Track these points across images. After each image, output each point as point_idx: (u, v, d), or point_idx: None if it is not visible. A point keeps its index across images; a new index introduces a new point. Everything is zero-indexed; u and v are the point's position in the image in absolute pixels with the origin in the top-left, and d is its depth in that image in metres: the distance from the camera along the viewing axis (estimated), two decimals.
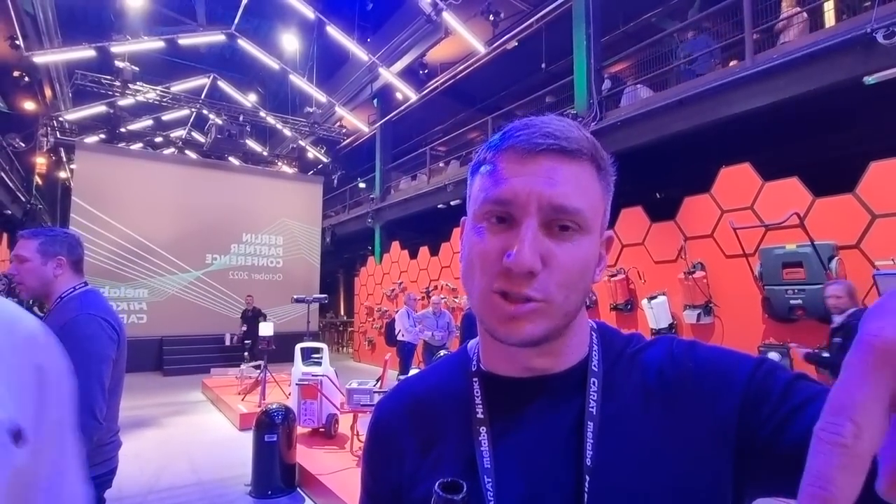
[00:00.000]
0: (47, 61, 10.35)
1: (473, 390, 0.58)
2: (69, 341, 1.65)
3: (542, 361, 0.54)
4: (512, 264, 0.47)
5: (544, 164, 0.49)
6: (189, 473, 4.58)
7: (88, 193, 10.94)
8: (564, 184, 0.49)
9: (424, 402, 0.61)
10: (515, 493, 0.51)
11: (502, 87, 13.83)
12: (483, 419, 0.55)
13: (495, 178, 0.51)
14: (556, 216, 0.48)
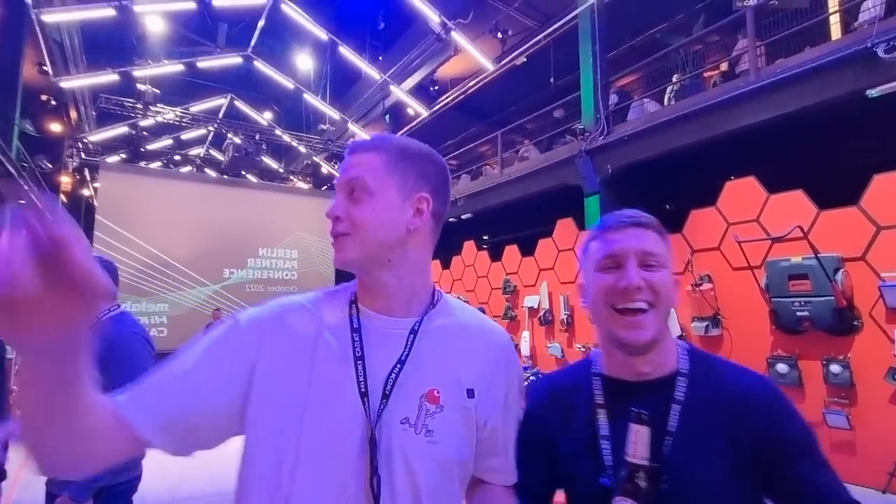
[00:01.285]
0: (73, 86, 10.80)
1: (593, 385, 0.88)
2: (115, 359, 1.81)
3: (645, 367, 0.83)
4: (624, 284, 0.80)
5: (630, 231, 0.85)
6: (209, 483, 4.72)
7: (111, 211, 11.31)
8: (646, 240, 0.84)
9: (561, 392, 0.92)
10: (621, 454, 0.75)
11: (511, 102, 14.02)
12: (602, 404, 0.85)
13: (606, 243, 0.85)
14: (645, 258, 0.83)
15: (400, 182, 0.79)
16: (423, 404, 0.74)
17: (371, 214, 0.76)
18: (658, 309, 0.80)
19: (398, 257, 0.79)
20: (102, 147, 13.26)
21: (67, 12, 8.07)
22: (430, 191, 0.82)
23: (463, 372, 0.79)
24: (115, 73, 10.11)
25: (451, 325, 0.83)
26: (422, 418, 0.74)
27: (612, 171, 7.70)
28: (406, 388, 0.75)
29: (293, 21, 10.27)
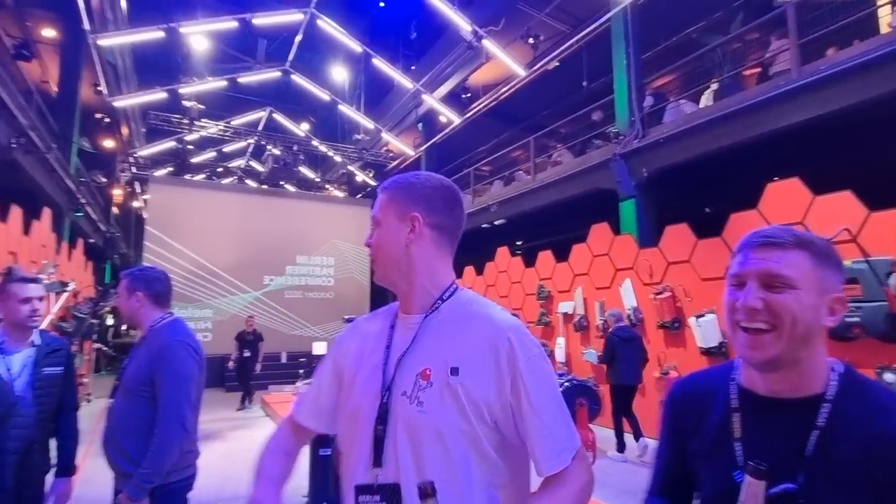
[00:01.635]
0: (125, 105, 11.42)
1: (731, 390, 0.91)
2: (163, 365, 1.95)
3: (778, 386, 0.84)
4: (740, 304, 0.83)
5: (758, 251, 0.84)
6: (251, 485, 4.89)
7: (159, 222, 11.89)
8: (772, 261, 0.82)
9: (698, 393, 0.97)
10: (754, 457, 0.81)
11: (544, 106, 13.96)
12: (736, 408, 0.88)
13: (735, 262, 0.88)
14: (770, 279, 0.81)
15: (396, 209, 1.01)
16: (418, 380, 0.92)
17: (379, 239, 1.02)
18: (780, 330, 0.79)
19: (405, 266, 1.00)
20: (151, 161, 13.97)
21: (121, 36, 8.56)
22: (420, 209, 1.00)
23: (451, 353, 0.92)
24: (163, 91, 10.66)
25: (453, 315, 0.98)
26: (416, 392, 0.92)
27: (647, 175, 7.57)
28: (407, 368, 0.94)
29: (328, 35, 10.59)
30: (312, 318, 13.25)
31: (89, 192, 12.74)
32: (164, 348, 1.96)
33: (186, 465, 2.04)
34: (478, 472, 0.89)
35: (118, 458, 1.93)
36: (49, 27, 11.51)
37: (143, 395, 1.94)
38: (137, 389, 1.95)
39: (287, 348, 11.29)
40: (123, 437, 1.94)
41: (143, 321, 2.08)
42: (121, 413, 1.98)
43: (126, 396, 1.99)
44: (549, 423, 0.90)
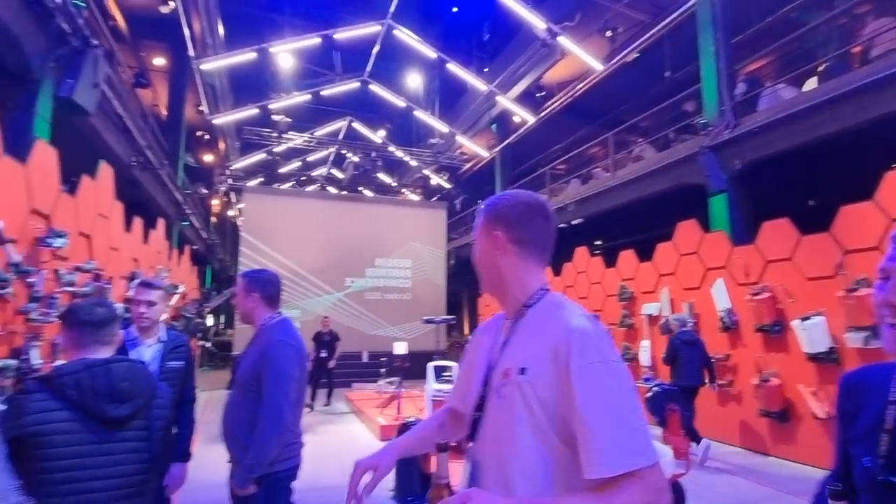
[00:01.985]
0: (223, 122, 12.46)
1: (892, 382, 0.92)
2: (268, 363, 2.12)
3: None
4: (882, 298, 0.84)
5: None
6: (341, 476, 5.15)
7: (253, 229, 12.84)
8: None
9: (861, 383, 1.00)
10: None
11: (623, 101, 13.44)
12: (893, 401, 0.90)
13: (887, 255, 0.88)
14: None
15: (484, 228, 1.14)
16: (502, 378, 1.04)
17: (476, 255, 1.17)
18: None
19: (497, 278, 1.13)
20: (244, 172, 15.12)
21: (219, 60, 9.37)
22: (502, 227, 1.10)
23: (523, 355, 1.02)
24: (255, 108, 11.50)
25: (534, 319, 1.07)
26: (499, 386, 1.04)
27: (741, 167, 7.06)
28: (498, 368, 1.07)
29: (404, 43, 10.90)
30: (391, 318, 13.67)
31: (193, 203, 14.04)
32: (269, 347, 2.13)
33: (290, 457, 2.19)
34: (547, 460, 0.96)
35: (233, 446, 2.12)
36: (159, 56, 12.84)
37: (251, 390, 2.11)
38: (247, 384, 2.14)
39: (368, 348, 11.73)
40: (236, 428, 2.13)
41: (256, 320, 2.27)
42: (234, 406, 2.18)
43: (239, 390, 2.18)
44: (595, 430, 0.89)
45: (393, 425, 6.52)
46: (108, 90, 6.35)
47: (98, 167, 4.54)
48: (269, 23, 13.74)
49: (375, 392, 8.38)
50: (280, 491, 2.14)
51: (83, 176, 4.11)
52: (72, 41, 4.54)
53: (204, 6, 9.97)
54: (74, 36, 4.59)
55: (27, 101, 4.36)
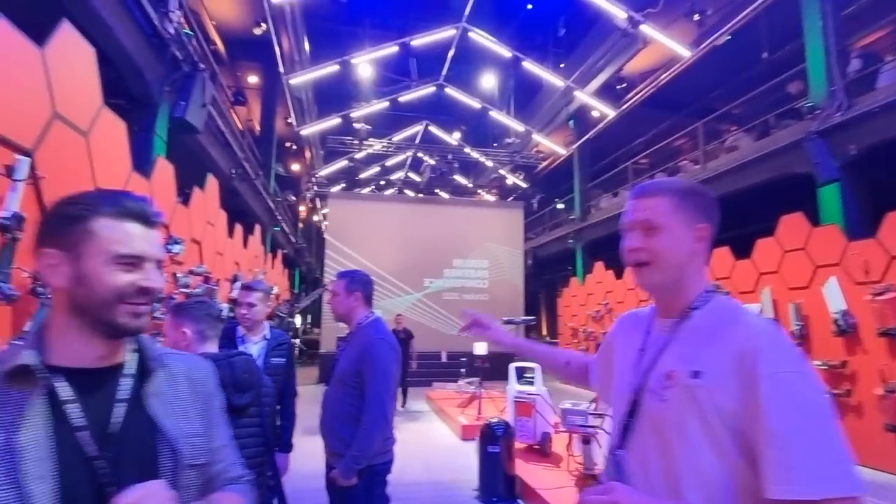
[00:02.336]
0: (309, 133, 13.22)
1: None
2: (370, 361, 2.22)
3: None
4: None
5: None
6: (425, 473, 5.27)
7: (337, 233, 13.51)
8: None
9: None
10: None
11: (713, 87, 12.56)
12: None
13: None
14: None
15: (685, 216, 1.00)
16: (663, 381, 0.97)
17: (660, 245, 0.99)
18: None
19: (679, 274, 1.00)
20: (328, 179, 15.94)
21: (306, 74, 9.97)
22: (707, 220, 1.01)
23: (695, 358, 0.93)
24: (337, 117, 12.09)
25: (705, 321, 0.98)
26: (659, 388, 0.97)
27: (856, 153, 6.34)
28: (657, 370, 0.99)
29: (479, 44, 10.95)
30: None
31: (283, 210, 15.02)
32: (369, 346, 2.23)
33: (387, 450, 2.29)
34: (725, 476, 0.87)
35: (332, 439, 2.24)
36: (253, 74, 13.88)
37: (352, 386, 2.22)
38: (348, 380, 2.25)
39: (447, 348, 11.88)
40: (337, 422, 2.24)
41: (354, 318, 2.38)
42: (333, 400, 2.30)
43: (338, 385, 2.30)
44: (787, 445, 0.80)
45: (475, 425, 6.56)
46: (211, 109, 6.98)
47: (206, 180, 5.02)
48: (350, 36, 14.39)
49: (455, 392, 8.47)
50: (378, 483, 2.24)
51: (194, 188, 4.55)
52: (183, 66, 5.06)
53: (292, 26, 10.65)
54: (185, 62, 5.11)
55: (148, 122, 4.92)
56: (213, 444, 0.93)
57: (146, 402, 0.84)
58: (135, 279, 0.80)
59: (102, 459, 0.76)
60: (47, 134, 2.47)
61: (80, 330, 0.80)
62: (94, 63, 2.92)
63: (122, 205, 0.81)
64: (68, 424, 0.75)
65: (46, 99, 2.49)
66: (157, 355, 0.89)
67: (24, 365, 0.74)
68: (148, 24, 4.79)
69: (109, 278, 0.78)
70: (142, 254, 0.81)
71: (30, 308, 2.26)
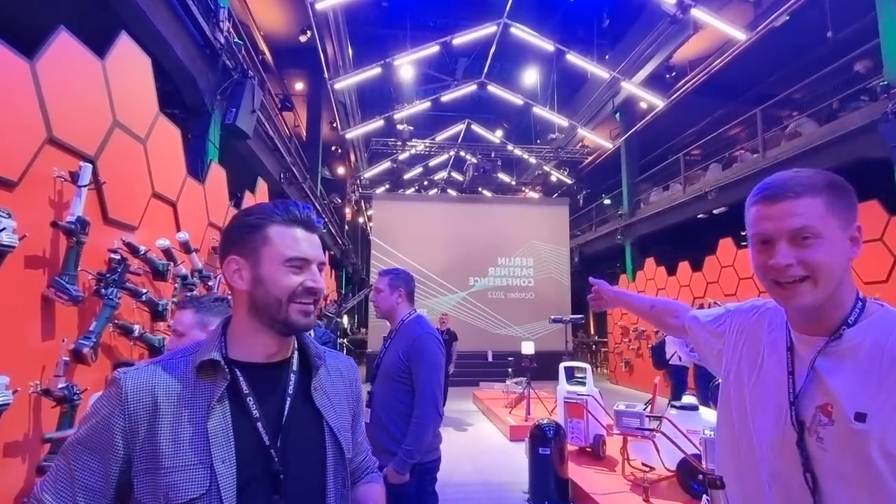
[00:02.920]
0: (353, 136, 13.45)
1: None
2: (418, 355, 2.20)
3: None
4: None
5: None
6: (474, 474, 5.21)
7: (382, 233, 13.67)
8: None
9: None
10: None
11: (771, 72, 11.86)
12: None
13: None
14: None
15: (840, 219, 0.83)
16: (818, 414, 0.82)
17: (824, 256, 0.81)
18: None
19: (838, 286, 0.84)
20: (372, 181, 16.16)
21: (350, 77, 10.13)
22: (856, 222, 0.86)
23: (858, 395, 0.78)
24: (381, 119, 12.23)
25: (862, 344, 0.82)
26: (815, 426, 0.82)
27: None
28: (807, 398, 0.84)
29: (520, 40, 10.78)
30: (515, 318, 13.60)
31: (329, 212, 15.35)
32: (417, 340, 2.21)
33: (436, 447, 2.25)
34: None
35: (383, 436, 2.22)
36: (299, 81, 14.26)
37: (402, 382, 2.20)
38: (396, 376, 2.23)
39: (492, 347, 11.78)
40: (387, 419, 2.22)
41: (397, 315, 2.38)
42: (382, 396, 2.28)
43: (385, 381, 2.28)
44: None
45: (524, 426, 6.44)
46: (260, 115, 7.20)
47: (256, 183, 5.16)
48: (392, 39, 14.54)
49: (503, 392, 8.36)
50: (429, 481, 2.21)
51: (245, 191, 4.69)
52: (234, 74, 5.24)
53: (335, 32, 10.85)
54: (235, 70, 5.29)
55: (201, 129, 5.12)
56: (357, 437, 1.04)
57: (313, 395, 0.92)
58: (302, 279, 0.88)
59: (275, 448, 0.84)
60: (108, 141, 2.58)
61: (257, 328, 0.88)
62: (150, 72, 3.04)
63: (291, 212, 0.89)
64: (248, 414, 0.84)
65: (107, 108, 2.61)
66: (319, 352, 0.97)
67: (213, 360, 0.83)
68: (200, 34, 4.98)
69: (283, 279, 0.86)
70: (307, 256, 0.89)
71: (94, 308, 2.36)
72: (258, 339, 0.88)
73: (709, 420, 4.12)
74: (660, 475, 4.21)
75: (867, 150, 6.73)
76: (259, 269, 0.86)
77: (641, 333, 11.18)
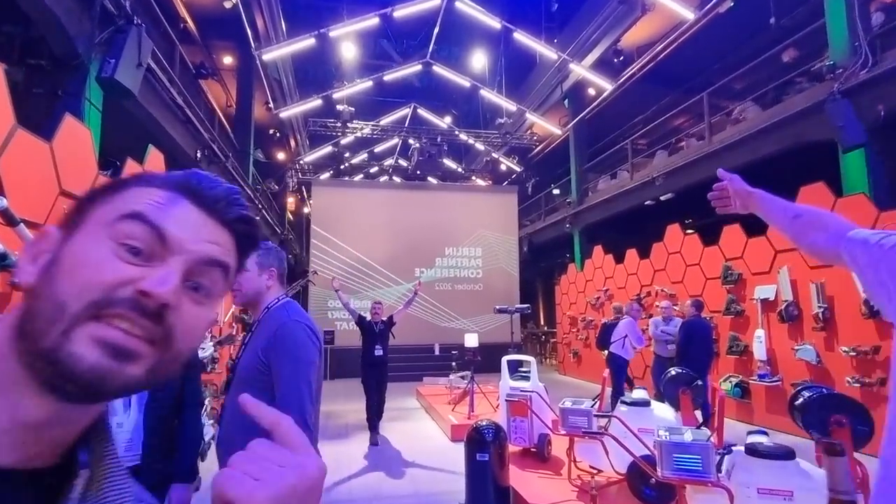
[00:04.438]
0: (289, 115, 12.50)
1: None
2: (281, 347, 1.58)
3: None
4: None
5: None
6: (408, 483, 4.64)
7: (323, 221, 12.82)
8: None
9: None
10: None
11: (715, 60, 11.90)
12: None
13: None
14: None
15: None
16: None
17: None
18: None
19: None
20: (314, 167, 15.20)
21: (280, 48, 9.23)
22: None
23: None
24: (318, 98, 11.37)
25: None
26: None
27: (884, 114, 5.70)
28: None
29: (466, 18, 10.23)
30: (463, 310, 13.14)
31: (266, 199, 14.29)
32: (280, 329, 1.59)
33: None
34: None
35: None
36: (228, 55, 13.10)
37: (259, 388, 1.58)
38: (252, 377, 1.60)
39: (440, 340, 11.27)
40: (242, 439, 1.59)
41: (264, 301, 1.75)
42: (235, 409, 1.65)
43: (241, 389, 1.65)
44: None
45: (467, 424, 5.94)
46: (165, 80, 6.27)
47: (147, 151, 4.32)
48: (330, 12, 13.61)
49: (447, 387, 7.85)
50: None
51: (128, 160, 3.86)
52: (118, 21, 4.36)
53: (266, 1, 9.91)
54: (120, 16, 4.41)
55: (76, 86, 4.22)
56: None
57: None
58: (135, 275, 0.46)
59: None
60: None
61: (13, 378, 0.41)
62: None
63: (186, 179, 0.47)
64: None
65: None
66: None
67: None
68: None
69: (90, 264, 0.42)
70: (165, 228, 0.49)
71: None
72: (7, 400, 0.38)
73: (663, 417, 3.71)
74: (609, 478, 3.79)
75: (812, 132, 6.64)
76: (65, 244, 0.40)
77: (589, 323, 10.97)
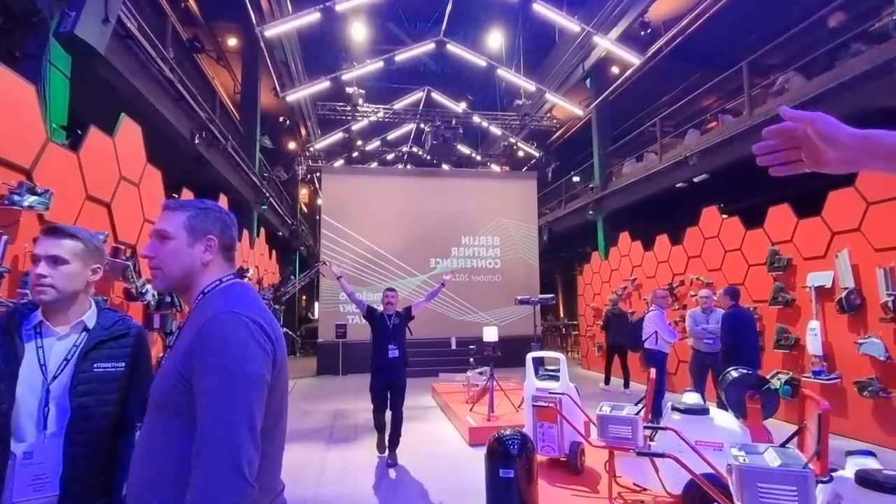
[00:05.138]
0: (297, 97, 11.96)
1: None
2: (203, 354, 1.00)
3: None
4: None
5: None
6: (418, 499, 4.07)
7: (334, 210, 12.31)
8: None
9: None
10: None
11: (751, 31, 11.04)
12: None
13: None
14: None
15: None
16: None
17: None
18: None
19: None
20: (325, 154, 14.69)
21: (283, 24, 8.67)
22: None
23: None
24: (327, 80, 10.81)
25: None
26: None
27: None
28: None
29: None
30: (480, 302, 12.55)
31: (275, 188, 13.83)
32: (207, 325, 1.01)
33: None
34: None
35: None
36: (232, 36, 12.61)
37: (177, 411, 1.01)
38: (166, 402, 1.03)
39: (456, 334, 10.72)
40: (150, 486, 1.03)
41: (198, 284, 1.17)
42: (145, 447, 1.08)
43: (152, 417, 1.09)
44: None
45: (486, 427, 5.37)
46: (153, 53, 5.76)
47: (119, 120, 3.79)
48: None
49: (463, 385, 7.28)
50: None
51: (91, 128, 3.34)
52: None
53: None
54: None
55: (37, 47, 3.71)
56: None
57: None
58: None
59: None
60: None
61: None
62: None
63: None
64: None
65: None
66: None
67: None
68: None
69: None
70: None
71: None
72: None
73: (726, 427, 3.05)
74: (655, 497, 3.18)
75: (874, 99, 5.86)
76: None
77: None
